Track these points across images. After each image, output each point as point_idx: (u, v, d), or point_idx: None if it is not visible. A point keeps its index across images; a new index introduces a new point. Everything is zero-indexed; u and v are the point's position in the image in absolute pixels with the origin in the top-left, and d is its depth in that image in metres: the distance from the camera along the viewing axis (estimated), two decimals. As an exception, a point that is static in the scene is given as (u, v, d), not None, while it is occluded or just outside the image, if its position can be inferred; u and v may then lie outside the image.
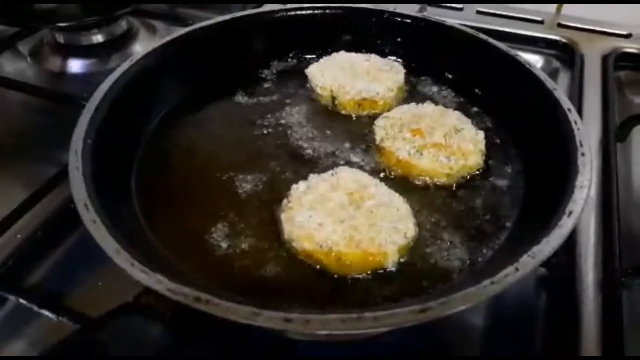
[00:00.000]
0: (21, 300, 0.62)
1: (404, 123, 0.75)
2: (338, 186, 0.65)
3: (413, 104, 0.80)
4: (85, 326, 0.54)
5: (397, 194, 0.65)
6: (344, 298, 0.57)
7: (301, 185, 0.66)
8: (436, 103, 0.82)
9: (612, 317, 0.62)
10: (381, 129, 0.75)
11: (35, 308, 0.60)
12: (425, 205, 0.67)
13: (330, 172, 0.68)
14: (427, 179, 0.71)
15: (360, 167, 0.72)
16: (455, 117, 0.77)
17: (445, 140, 0.72)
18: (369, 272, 0.59)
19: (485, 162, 0.73)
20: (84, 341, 0.46)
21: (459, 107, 0.81)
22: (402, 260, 0.60)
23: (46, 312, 0.60)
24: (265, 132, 0.79)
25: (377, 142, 0.74)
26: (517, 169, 0.72)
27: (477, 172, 0.72)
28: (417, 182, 0.71)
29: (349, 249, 0.57)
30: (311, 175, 0.67)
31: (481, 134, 0.74)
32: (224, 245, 0.61)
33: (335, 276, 0.58)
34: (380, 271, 0.59)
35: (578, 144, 0.61)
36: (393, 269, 0.59)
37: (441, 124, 0.75)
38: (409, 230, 0.61)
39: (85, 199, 0.52)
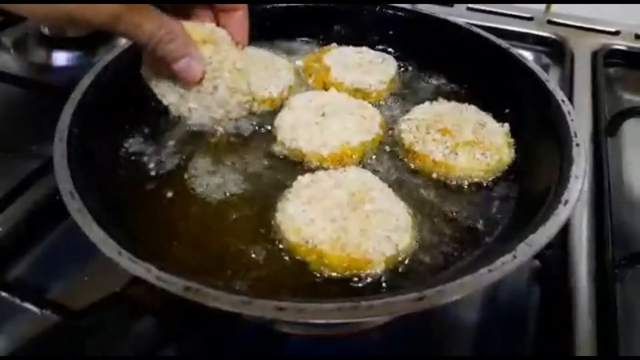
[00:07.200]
0: (3, 294, 0.59)
1: (428, 124, 0.72)
2: (342, 184, 0.62)
3: (427, 103, 0.77)
4: (68, 318, 0.52)
5: (403, 203, 0.62)
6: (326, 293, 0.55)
7: (306, 178, 0.63)
8: (430, 95, 0.81)
9: (605, 308, 0.62)
10: (408, 133, 0.72)
11: (18, 301, 0.59)
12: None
13: (340, 169, 0.65)
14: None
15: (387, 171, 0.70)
16: (474, 111, 0.75)
17: (476, 137, 0.69)
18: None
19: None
20: (67, 333, 0.44)
21: (452, 99, 0.80)
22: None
23: (29, 306, 0.58)
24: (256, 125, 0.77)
25: (406, 147, 0.71)
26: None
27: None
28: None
29: (332, 251, 0.55)
30: (319, 172, 0.65)
31: (506, 126, 0.72)
32: (213, 234, 0.60)
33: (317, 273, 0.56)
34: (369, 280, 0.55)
35: (572, 134, 0.60)
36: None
37: (464, 120, 0.72)
38: (402, 242, 0.57)
39: (70, 187, 0.50)
